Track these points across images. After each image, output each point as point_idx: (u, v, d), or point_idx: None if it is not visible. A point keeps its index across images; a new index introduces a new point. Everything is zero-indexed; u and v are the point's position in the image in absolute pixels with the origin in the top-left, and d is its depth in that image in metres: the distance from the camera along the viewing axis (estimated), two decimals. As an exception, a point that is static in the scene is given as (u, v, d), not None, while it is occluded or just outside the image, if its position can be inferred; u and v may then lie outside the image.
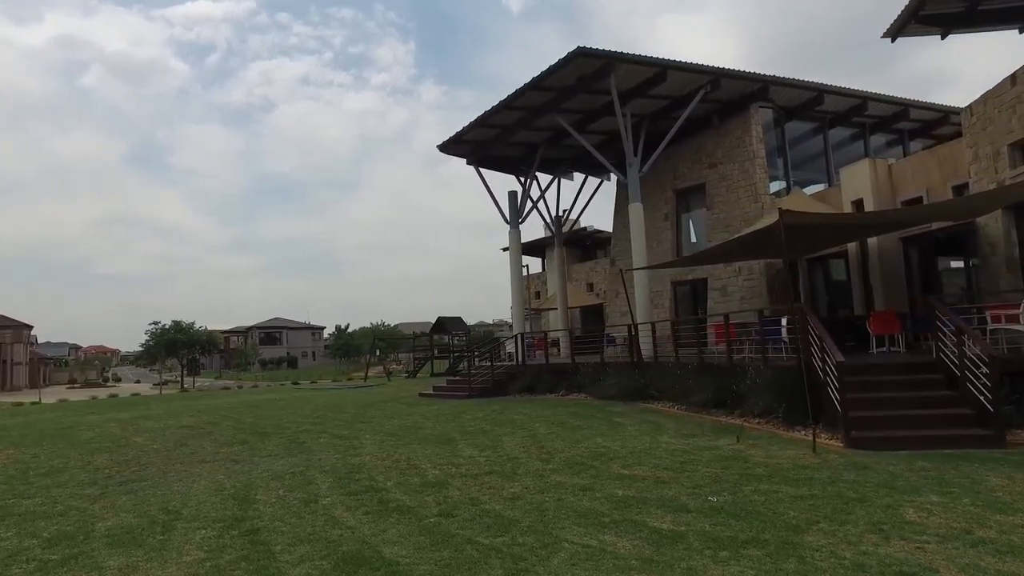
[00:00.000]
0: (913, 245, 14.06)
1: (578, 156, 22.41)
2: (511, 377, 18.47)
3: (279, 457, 8.95)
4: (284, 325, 78.45)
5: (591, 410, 12.56)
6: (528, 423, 11.15)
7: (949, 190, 13.02)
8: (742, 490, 5.77)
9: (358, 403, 17.89)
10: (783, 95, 18.34)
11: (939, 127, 20.55)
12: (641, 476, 6.54)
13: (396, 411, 14.93)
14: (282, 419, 14.14)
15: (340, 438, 10.61)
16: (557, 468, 7.15)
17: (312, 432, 11.57)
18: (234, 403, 19.98)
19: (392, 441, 9.94)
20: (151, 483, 7.59)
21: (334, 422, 13.09)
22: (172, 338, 41.52)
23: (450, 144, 20.77)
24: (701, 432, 9.06)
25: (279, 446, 9.99)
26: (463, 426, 11.32)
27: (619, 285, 22.36)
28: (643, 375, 13.79)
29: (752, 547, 4.23)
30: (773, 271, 17.48)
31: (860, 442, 7.43)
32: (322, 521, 5.44)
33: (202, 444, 10.61)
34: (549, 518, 5.19)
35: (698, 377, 11.66)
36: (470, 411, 13.88)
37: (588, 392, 15.42)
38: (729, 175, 18.64)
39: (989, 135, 11.40)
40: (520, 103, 18.43)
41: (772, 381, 9.48)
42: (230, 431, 12.29)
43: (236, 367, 63.47)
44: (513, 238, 21.81)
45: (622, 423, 10.49)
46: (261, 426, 12.94)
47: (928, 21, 11.66)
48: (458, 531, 4.96)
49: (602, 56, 16.10)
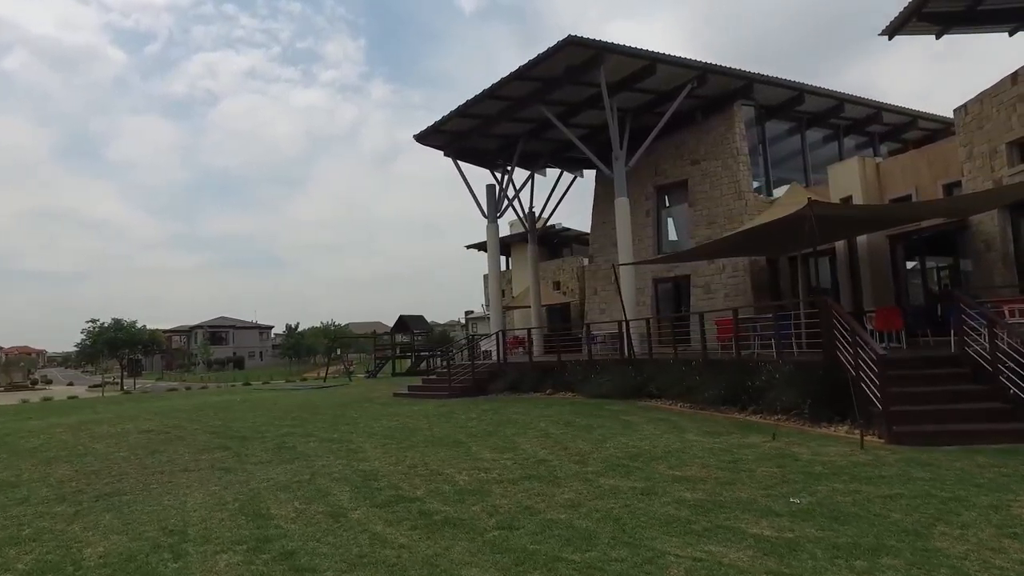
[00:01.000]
0: (899, 243, 14.24)
1: (557, 150, 22.00)
2: (492, 376, 17.84)
3: (273, 464, 8.07)
4: (230, 324, 74.99)
5: (590, 408, 12.09)
6: (532, 422, 10.58)
7: (939, 189, 13.22)
8: (817, 490, 5.38)
9: (330, 403, 16.89)
10: (765, 94, 18.40)
11: (907, 131, 21.16)
12: (697, 477, 6.08)
13: (377, 412, 14.08)
14: (255, 421, 13.08)
15: (332, 441, 9.76)
16: (599, 471, 6.61)
17: (297, 435, 10.65)
18: (191, 405, 18.57)
19: (393, 444, 9.18)
20: (134, 497, 6.62)
21: (315, 424, 12.16)
22: (112, 337, 38.74)
23: (428, 134, 19.95)
24: (725, 430, 8.70)
25: (267, 451, 9.07)
26: (463, 426, 10.64)
27: (597, 282, 22.12)
28: (639, 372, 13.43)
29: (885, 555, 3.80)
30: (757, 268, 17.50)
31: (902, 438, 7.21)
32: (366, 539, 4.72)
33: (177, 450, 9.55)
34: (629, 527, 4.64)
35: (704, 374, 11.35)
36: (460, 411, 13.20)
37: (578, 391, 14.96)
38: (712, 172, 18.58)
39: (986, 133, 11.56)
40: (504, 92, 17.82)
41: (792, 377, 9.22)
42: (203, 435, 11.20)
43: (179, 368, 60.04)
44: (491, 233, 21.16)
45: (633, 421, 10.06)
46: (235, 429, 11.88)
47: (928, 19, 11.74)
48: (534, 547, 4.34)
49: (593, 46, 15.69)
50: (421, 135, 20.12)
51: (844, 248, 15.14)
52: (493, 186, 21.30)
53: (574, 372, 15.58)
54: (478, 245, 39.19)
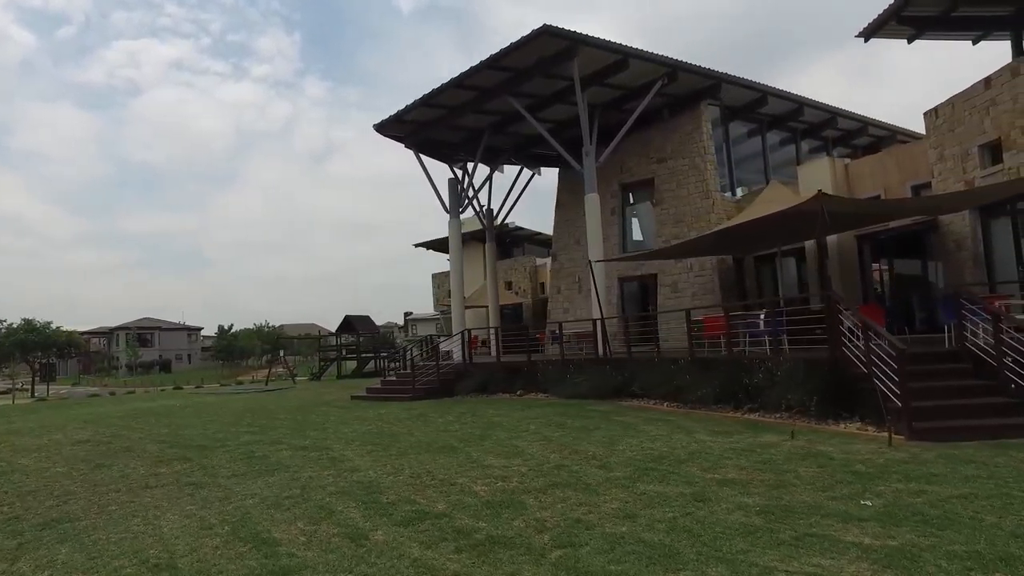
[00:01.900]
0: (867, 242, 14.57)
1: (520, 145, 21.51)
2: (458, 376, 17.13)
3: (249, 477, 7.12)
4: (155, 325, 70.01)
5: (574, 410, 11.61)
6: (520, 425, 9.98)
7: (908, 189, 13.56)
8: (879, 491, 5.06)
9: (283, 408, 15.68)
10: (730, 95, 18.55)
11: (857, 137, 21.94)
12: (740, 480, 5.66)
13: (341, 416, 13.10)
14: (207, 428, 11.84)
15: (306, 449, 8.83)
16: (629, 475, 6.10)
17: (263, 443, 9.63)
18: (124, 411, 16.84)
19: (380, 451, 8.37)
20: (92, 522, 5.58)
21: (278, 430, 11.11)
22: (22, 339, 35.16)
23: (389, 124, 19.00)
24: (733, 430, 8.40)
25: (235, 462, 8.06)
26: (446, 430, 9.92)
27: (560, 281, 21.75)
28: (619, 372, 13.07)
29: (1021, 565, 3.46)
30: (724, 267, 17.58)
31: (923, 434, 7.09)
32: (408, 568, 4.00)
33: (127, 463, 8.37)
34: (708, 539, 4.14)
35: (693, 372, 11.09)
36: (433, 414, 12.45)
37: (552, 392, 14.47)
38: (679, 171, 18.56)
39: (957, 136, 11.89)
40: (472, 82, 17.16)
41: (795, 374, 9.05)
42: (152, 445, 9.96)
43: (99, 371, 55.43)
44: (454, 228, 20.42)
45: (629, 422, 9.63)
46: (188, 437, 10.67)
47: (906, 22, 11.97)
48: (614, 567, 3.76)
49: (567, 37, 15.28)
50: (381, 124, 19.15)
51: (813, 246, 15.36)
52: (455, 180, 20.57)
53: (547, 372, 15.09)
54: (427, 243, 38.19)
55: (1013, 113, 10.68)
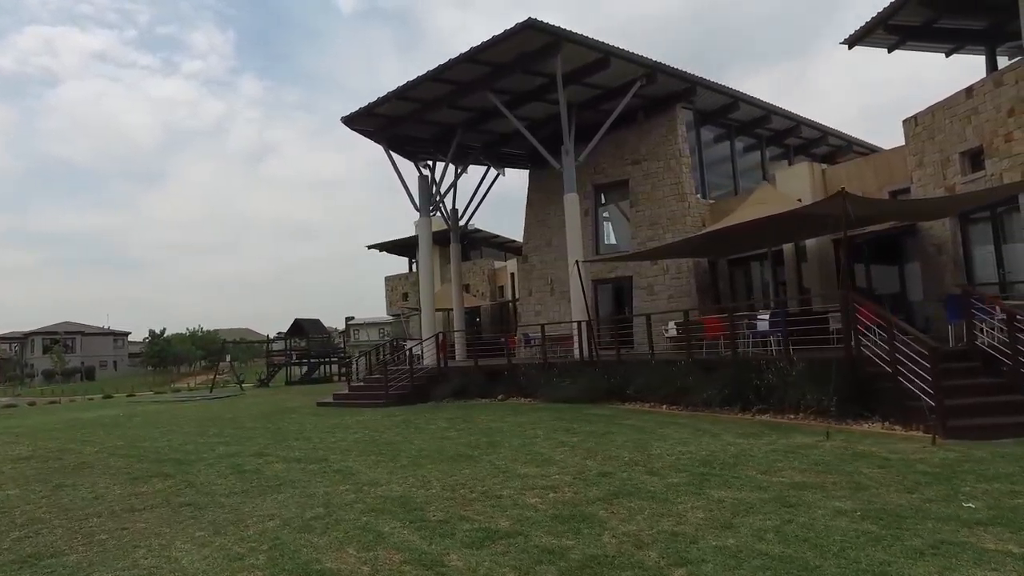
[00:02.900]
0: (842, 245, 14.88)
1: (491, 144, 21.02)
2: (432, 381, 16.42)
3: (252, 494, 6.29)
4: (76, 330, 64.60)
5: (570, 413, 11.19)
6: (523, 431, 9.44)
7: (885, 195, 13.93)
8: (970, 493, 4.87)
9: (246, 416, 14.52)
10: (702, 99, 18.72)
11: (818, 146, 22.67)
12: (813, 484, 5.36)
13: (317, 424, 12.18)
14: (170, 440, 10.67)
15: (301, 461, 8.01)
16: (689, 481, 5.70)
17: (245, 455, 8.69)
18: (59, 423, 15.15)
19: (388, 462, 7.66)
20: (83, 557, 4.66)
21: (256, 440, 10.14)
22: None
23: (359, 116, 18.07)
24: (757, 431, 8.18)
25: (226, 478, 7.16)
26: (444, 437, 9.29)
27: (532, 283, 21.34)
28: (610, 375, 12.76)
29: None
30: (701, 270, 17.66)
31: (957, 432, 7.07)
32: (517, 595, 3.43)
33: (95, 482, 7.29)
34: (836, 550, 3.77)
35: (696, 375, 10.90)
36: (419, 420, 11.75)
37: (537, 396, 14.02)
38: (654, 173, 18.56)
39: (938, 144, 12.27)
40: (449, 76, 16.55)
41: (810, 374, 8.96)
42: (115, 460, 8.82)
43: (10, 380, 50.36)
44: (424, 227, 19.65)
45: (640, 425, 9.29)
46: (153, 450, 9.55)
47: (891, 31, 12.29)
48: (760, 588, 3.33)
49: (552, 32, 14.95)
50: (350, 117, 18.20)
51: (792, 249, 15.61)
52: (426, 177, 19.84)
53: (529, 376, 14.63)
54: (381, 245, 37.06)
55: (995, 122, 11.08)
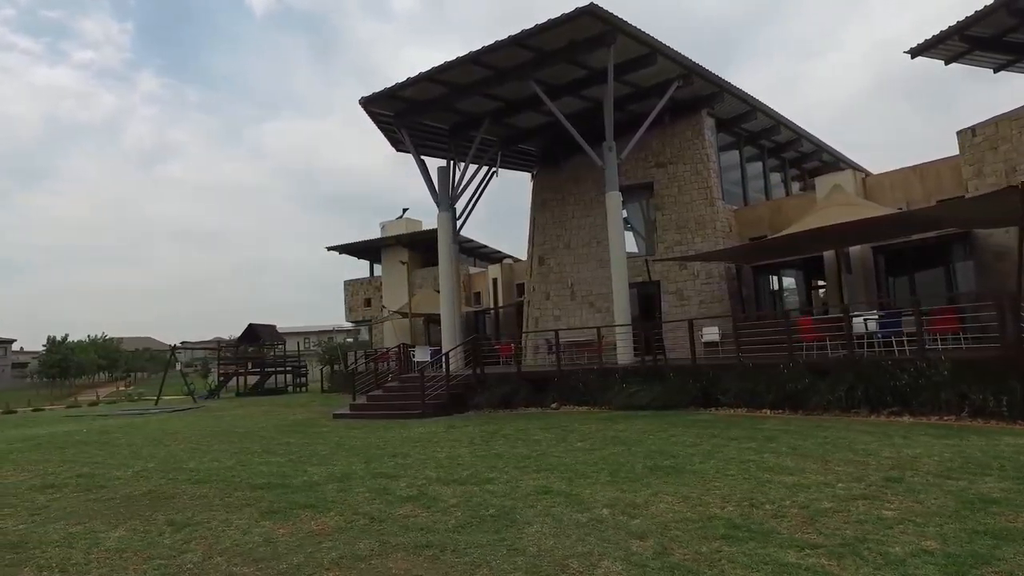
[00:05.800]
0: (880, 253, 15.17)
1: (511, 138, 20.04)
2: (469, 390, 15.11)
3: (486, 530, 5.00)
4: (-53, 336, 56.13)
5: (675, 419, 10.40)
6: (645, 441, 8.53)
7: (933, 204, 14.26)
8: None
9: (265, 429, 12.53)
10: (723, 106, 18.72)
11: (810, 160, 23.39)
12: None
13: (373, 442, 10.48)
14: (222, 461, 8.82)
15: (465, 483, 6.69)
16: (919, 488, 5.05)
17: (317, 482, 7.20)
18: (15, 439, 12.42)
19: (606, 478, 6.51)
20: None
21: (339, 461, 8.57)
22: None
23: (381, 99, 16.50)
24: (941, 433, 7.74)
25: (404, 505, 5.77)
26: (590, 450, 8.21)
27: (549, 286, 20.38)
28: (696, 380, 12.11)
29: None
30: (730, 275, 17.50)
31: None
32: None
33: (211, 518, 5.63)
34: None
35: (805, 378, 10.45)
36: (508, 429, 10.51)
37: (599, 403, 13.18)
38: (680, 176, 18.30)
39: (1002, 154, 12.65)
40: (489, 60, 15.48)
41: (963, 374, 8.69)
42: (200, 488, 7.03)
43: None
44: (444, 222, 18.23)
45: (799, 431, 8.59)
46: (225, 476, 7.77)
47: (967, 41, 12.57)
48: None
49: (610, 21, 14.31)
50: (370, 99, 16.62)
51: (833, 256, 15.70)
52: (445, 168, 18.50)
53: (588, 382, 13.73)
54: (341, 247, 34.70)
55: (1068, 133, 11.52)
